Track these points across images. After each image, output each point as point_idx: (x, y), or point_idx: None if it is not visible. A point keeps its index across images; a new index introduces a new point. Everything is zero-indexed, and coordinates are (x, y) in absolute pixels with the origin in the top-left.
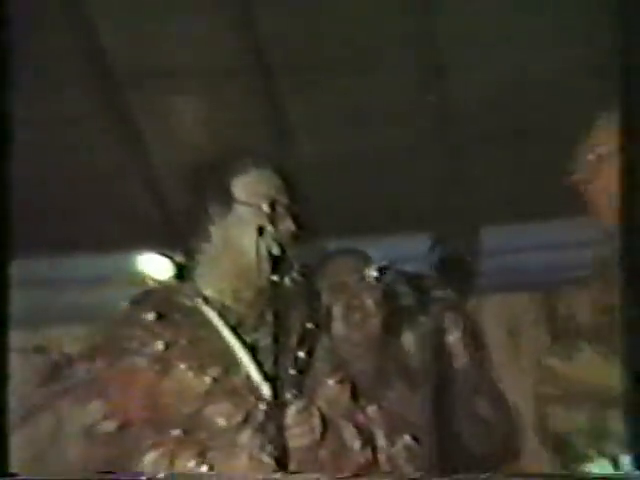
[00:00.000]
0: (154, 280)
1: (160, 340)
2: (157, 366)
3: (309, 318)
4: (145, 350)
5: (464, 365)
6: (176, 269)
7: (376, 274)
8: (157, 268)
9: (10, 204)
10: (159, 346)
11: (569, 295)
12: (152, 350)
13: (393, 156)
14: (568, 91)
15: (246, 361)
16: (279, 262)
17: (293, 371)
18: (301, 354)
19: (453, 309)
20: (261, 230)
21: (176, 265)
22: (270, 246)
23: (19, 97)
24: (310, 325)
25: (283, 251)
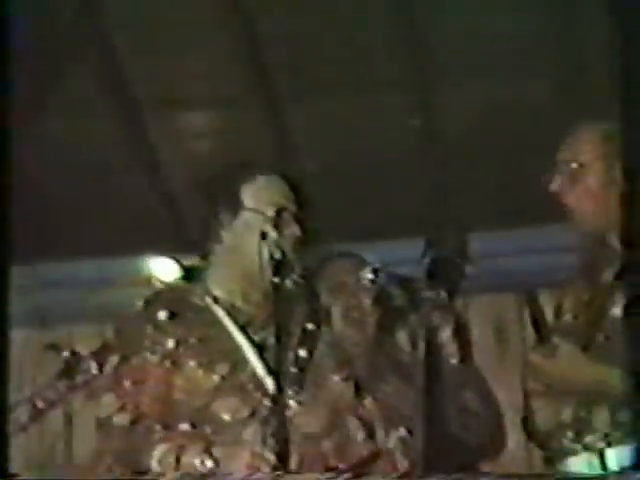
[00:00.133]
0: (161, 282)
1: (171, 338)
2: (168, 363)
3: (309, 318)
4: (157, 347)
5: (453, 361)
6: (183, 271)
7: (371, 276)
8: (164, 270)
9: (34, 213)
10: (170, 344)
11: (552, 296)
12: (164, 347)
13: (388, 168)
14: (550, 104)
15: (253, 359)
16: (281, 265)
17: (294, 369)
18: (302, 352)
19: (443, 309)
20: (264, 235)
21: (183, 267)
22: (272, 250)
23: (48, 116)
24: (310, 325)
25: (284, 255)
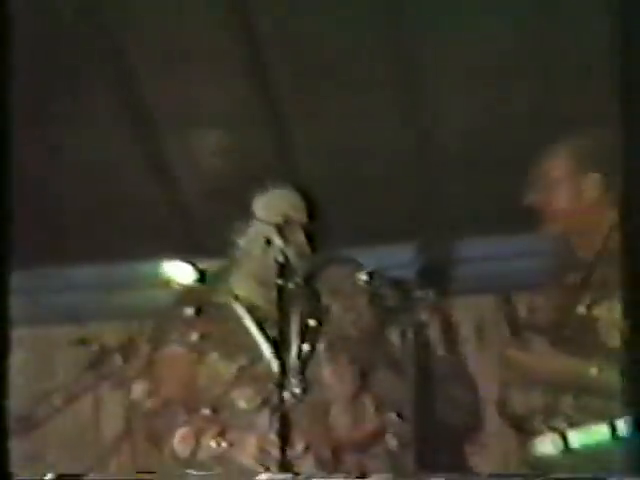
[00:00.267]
0: (178, 284)
1: (196, 332)
2: (193, 354)
3: (311, 315)
4: (184, 340)
5: (440, 355)
6: (198, 274)
7: (366, 278)
8: (181, 274)
9: (63, 220)
10: (195, 337)
11: (527, 297)
12: (189, 340)
13: (383, 177)
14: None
15: (267, 352)
16: (285, 269)
17: (298, 361)
18: (305, 346)
19: (432, 308)
20: (268, 241)
21: (198, 270)
22: (276, 255)
23: (66, 129)
24: (312, 321)
25: (287, 260)
